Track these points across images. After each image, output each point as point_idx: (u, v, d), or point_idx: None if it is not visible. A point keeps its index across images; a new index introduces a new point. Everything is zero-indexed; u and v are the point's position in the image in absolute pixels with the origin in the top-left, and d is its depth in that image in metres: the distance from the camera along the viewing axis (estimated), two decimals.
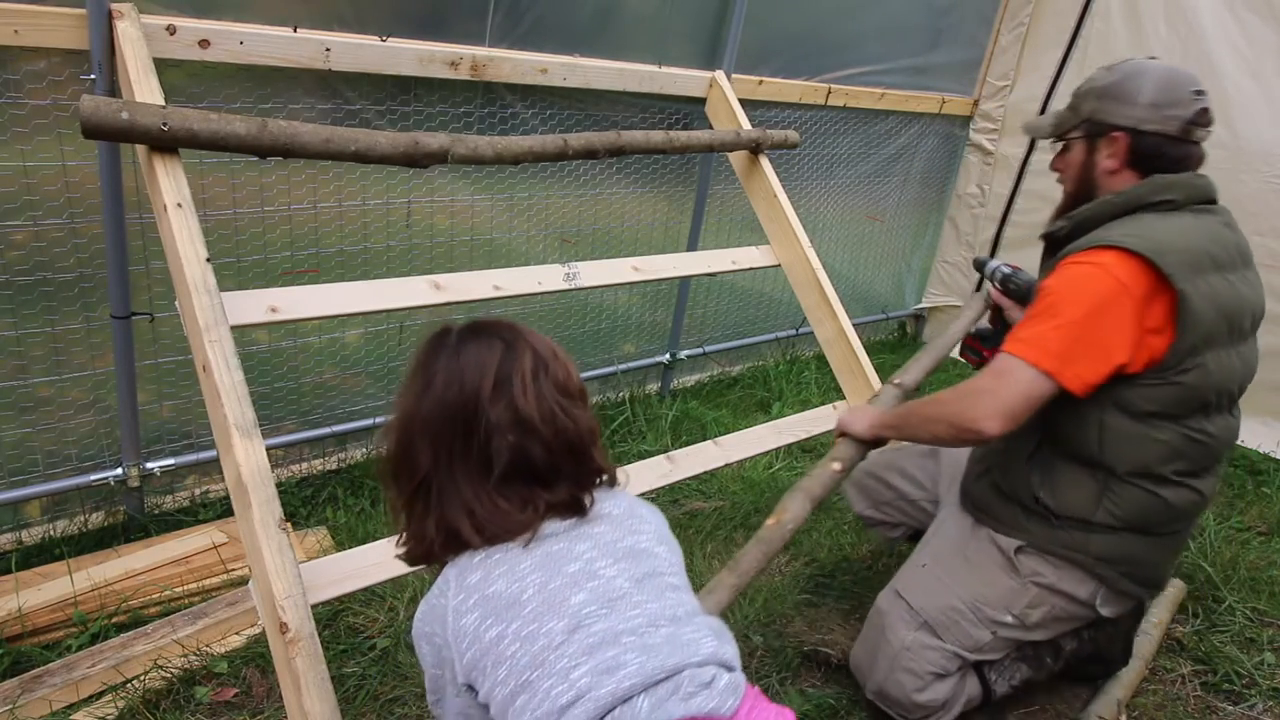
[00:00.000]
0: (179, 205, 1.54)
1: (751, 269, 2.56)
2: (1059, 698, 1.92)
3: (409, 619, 1.90)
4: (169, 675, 1.69)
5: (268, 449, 1.61)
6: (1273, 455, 3.28)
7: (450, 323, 1.10)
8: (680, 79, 2.66)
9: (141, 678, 1.66)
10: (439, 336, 1.08)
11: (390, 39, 2.05)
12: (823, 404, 2.50)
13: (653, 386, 3.38)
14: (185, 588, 1.92)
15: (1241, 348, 1.64)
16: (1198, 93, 1.59)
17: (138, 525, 2.13)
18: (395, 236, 2.38)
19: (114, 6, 1.67)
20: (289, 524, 1.43)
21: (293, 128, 1.64)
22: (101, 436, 2.10)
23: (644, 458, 2.19)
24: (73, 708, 1.60)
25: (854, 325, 2.49)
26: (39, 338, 1.93)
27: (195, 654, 1.74)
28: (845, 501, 2.22)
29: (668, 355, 3.31)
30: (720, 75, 2.71)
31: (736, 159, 2.69)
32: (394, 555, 1.13)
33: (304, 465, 2.45)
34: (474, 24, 2.23)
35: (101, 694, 1.64)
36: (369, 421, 2.51)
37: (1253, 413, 3.40)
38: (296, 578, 1.39)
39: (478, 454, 1.01)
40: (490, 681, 0.93)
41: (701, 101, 2.77)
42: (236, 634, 1.81)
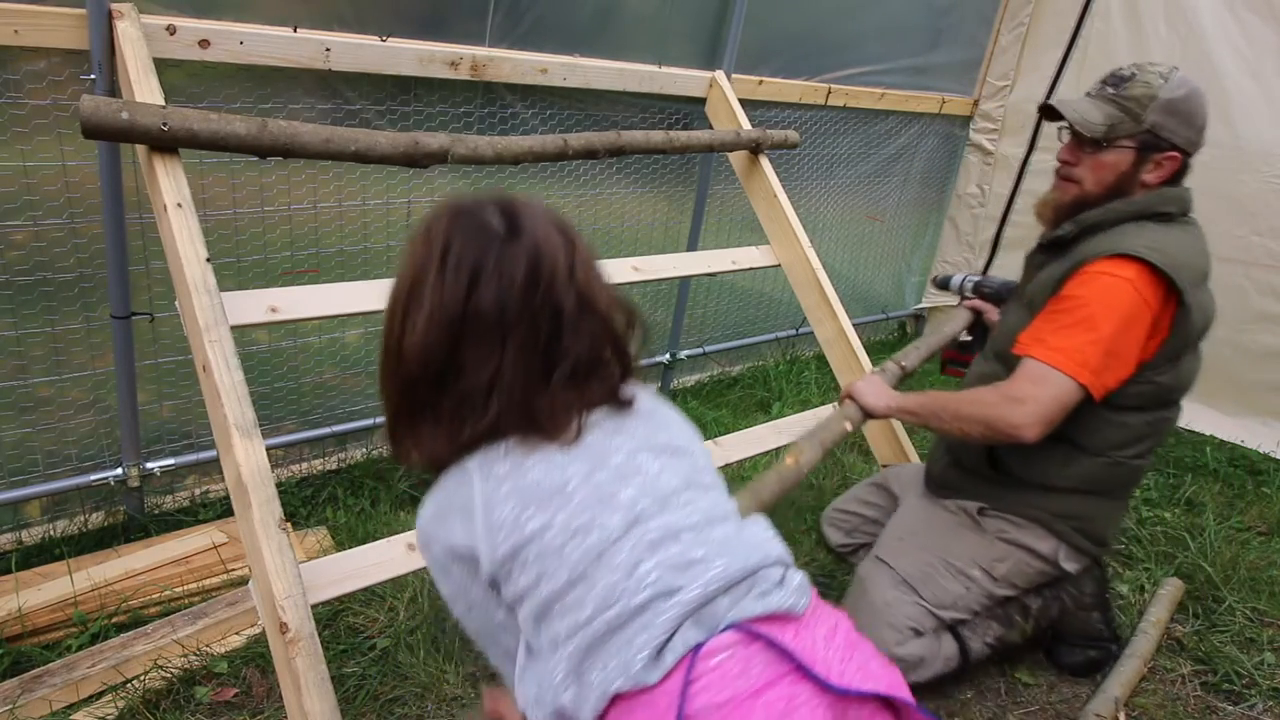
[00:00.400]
0: (179, 205, 1.54)
1: (751, 269, 2.57)
2: (1059, 697, 1.92)
3: (409, 619, 1.90)
4: (169, 675, 1.69)
5: (268, 449, 1.61)
6: (1273, 455, 3.28)
7: (469, 201, 0.94)
8: (680, 79, 2.66)
9: (141, 678, 1.66)
10: (473, 218, 0.91)
11: (390, 39, 2.05)
12: (823, 404, 2.50)
13: (652, 386, 3.38)
14: (185, 588, 1.92)
15: (1199, 348, 1.78)
16: None
17: (138, 525, 2.13)
18: (395, 236, 2.38)
19: (114, 6, 1.67)
20: (289, 524, 1.43)
21: (293, 128, 1.64)
22: (101, 436, 2.10)
23: None
24: (73, 708, 1.60)
25: (854, 325, 2.50)
26: (39, 338, 1.93)
27: (195, 654, 1.74)
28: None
29: (668, 355, 3.31)
30: (720, 75, 2.71)
31: (736, 159, 2.69)
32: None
33: (304, 465, 2.45)
34: (474, 24, 2.23)
35: (101, 694, 1.64)
36: (369, 421, 2.51)
37: (1253, 413, 3.42)
38: (296, 578, 1.39)
39: (541, 349, 0.89)
40: (530, 575, 0.85)
41: (701, 101, 2.77)
42: (236, 634, 1.81)
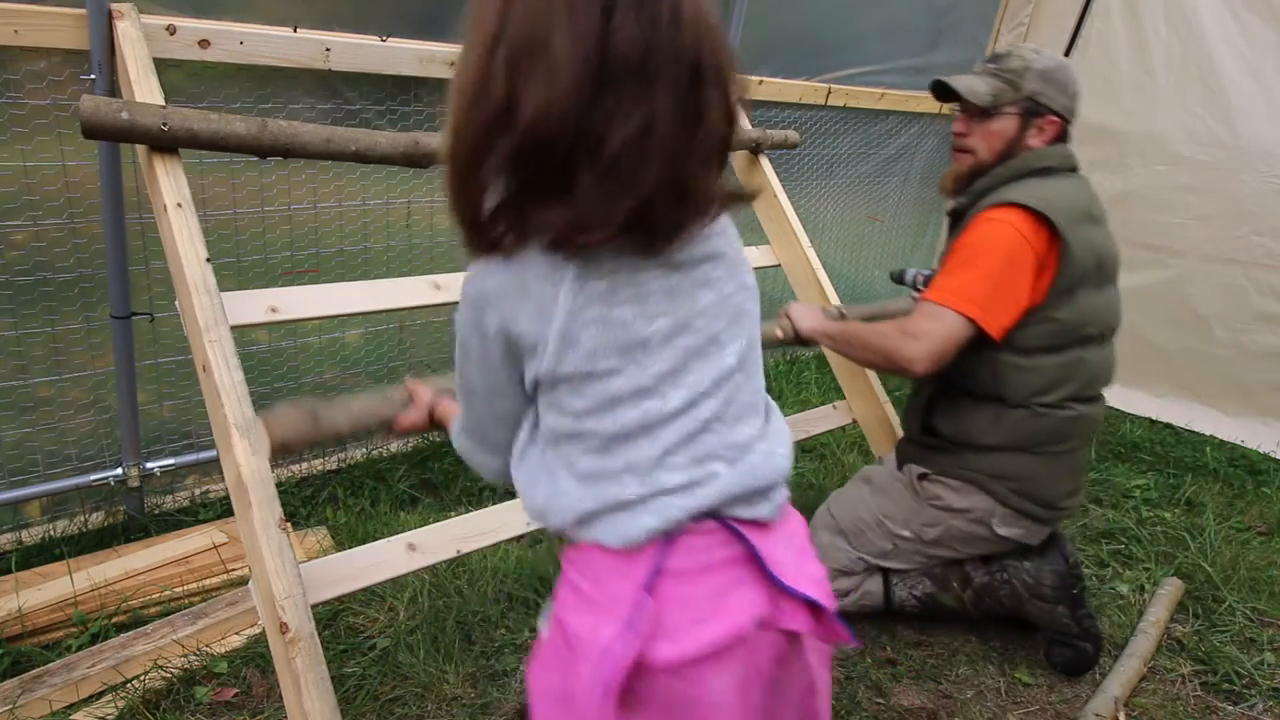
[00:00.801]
0: (179, 205, 1.54)
1: (751, 269, 2.56)
2: (1059, 697, 1.92)
3: (409, 619, 1.90)
4: (169, 675, 1.69)
5: None
6: (1273, 455, 3.28)
7: None
8: None
9: (141, 678, 1.66)
10: None
11: (390, 39, 2.05)
12: (823, 404, 2.50)
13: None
14: (185, 588, 1.92)
15: (1108, 290, 1.90)
16: None
17: (138, 525, 2.13)
18: (395, 236, 2.38)
19: (114, 6, 1.67)
20: (289, 524, 1.43)
21: (293, 128, 1.64)
22: (101, 436, 2.10)
23: None
24: (73, 708, 1.60)
25: None
26: (39, 338, 1.93)
27: (195, 654, 1.74)
28: None
29: None
30: None
31: (736, 159, 2.69)
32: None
33: (304, 465, 2.45)
34: None
35: (101, 694, 1.64)
36: None
37: (1253, 413, 3.42)
38: (296, 578, 1.39)
39: (685, 109, 0.77)
40: (579, 404, 0.82)
41: None
42: (236, 634, 1.81)
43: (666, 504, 0.81)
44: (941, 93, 1.92)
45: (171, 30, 1.73)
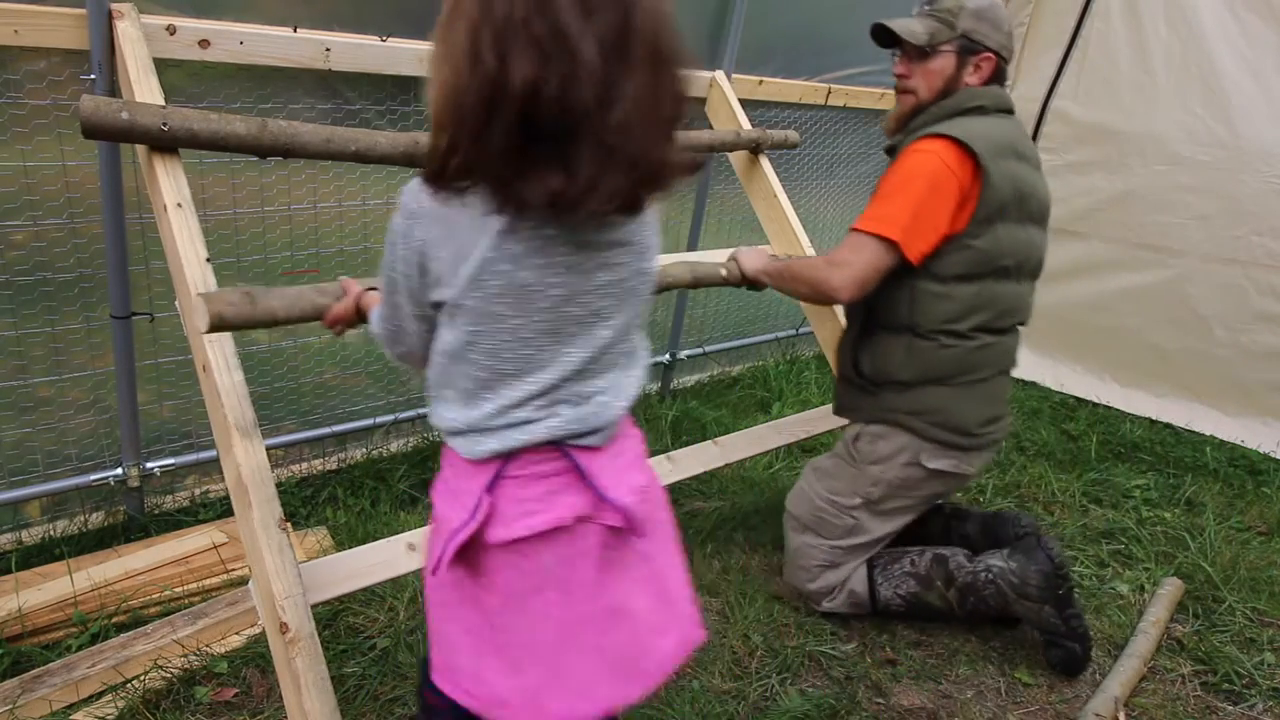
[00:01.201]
0: (179, 205, 1.54)
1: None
2: (1059, 697, 1.92)
3: (409, 619, 1.90)
4: (169, 675, 1.69)
5: (268, 449, 1.62)
6: (1273, 455, 3.29)
7: None
8: None
9: (141, 678, 1.66)
10: None
11: (390, 39, 2.06)
12: (823, 404, 2.50)
13: (653, 387, 3.38)
14: (185, 588, 1.92)
15: (1030, 229, 1.95)
16: None
17: (138, 525, 2.13)
18: None
19: (114, 6, 1.67)
20: (289, 524, 1.43)
21: (293, 128, 1.64)
22: (101, 436, 2.10)
23: None
24: (73, 708, 1.60)
25: None
26: (39, 338, 1.93)
27: (195, 654, 1.74)
28: None
29: (668, 355, 3.31)
30: (720, 75, 2.71)
31: (736, 159, 2.69)
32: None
33: (304, 465, 2.45)
34: None
35: (101, 694, 1.64)
36: (369, 421, 2.51)
37: (1253, 413, 3.42)
38: (296, 578, 1.39)
39: (657, 86, 0.87)
40: (471, 334, 0.96)
41: (701, 101, 2.77)
42: (236, 634, 1.81)
43: (510, 435, 1.00)
44: (883, 38, 1.99)
45: (171, 30, 1.73)
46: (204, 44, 1.78)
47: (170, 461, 2.17)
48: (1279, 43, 3.19)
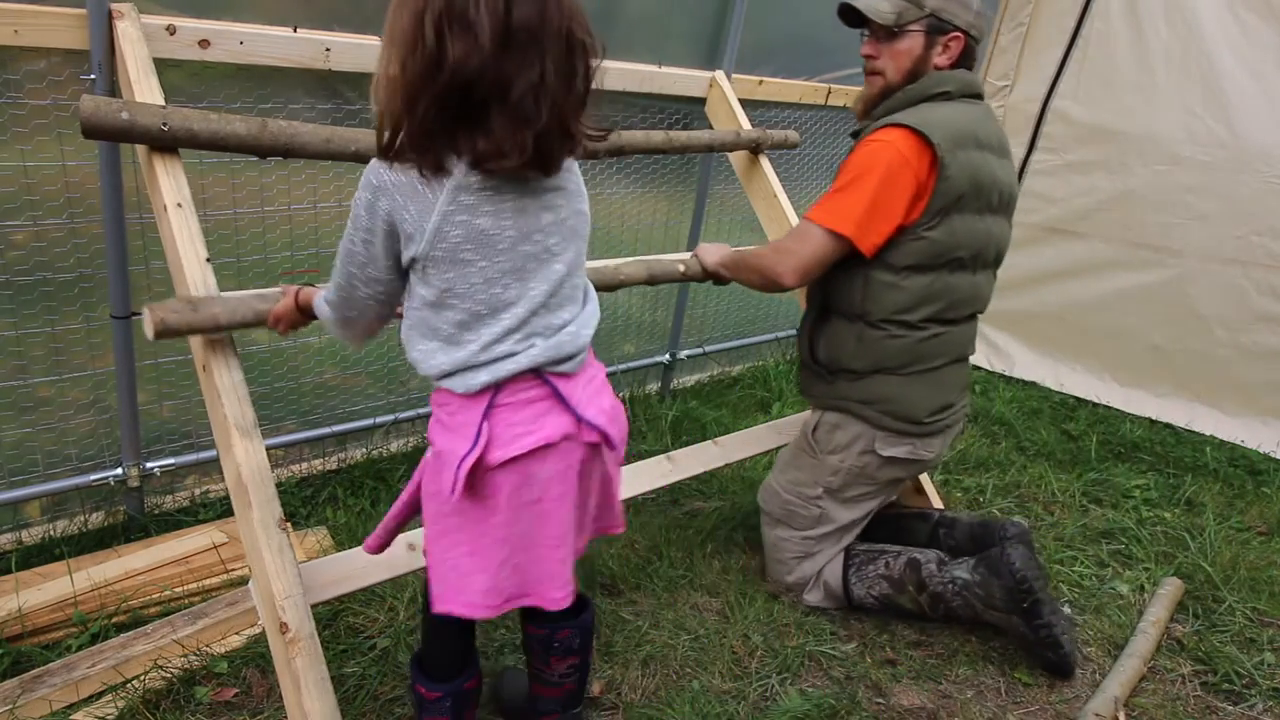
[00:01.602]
0: (179, 205, 1.54)
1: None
2: (1059, 697, 1.92)
3: (409, 619, 1.90)
4: (169, 675, 1.69)
5: (268, 449, 1.62)
6: (1273, 455, 3.29)
7: None
8: (680, 79, 2.66)
9: (141, 678, 1.66)
10: None
11: None
12: None
13: (653, 386, 3.38)
14: (185, 588, 1.92)
15: (989, 219, 1.93)
16: None
17: (138, 525, 2.13)
18: None
19: (114, 6, 1.67)
20: (289, 524, 1.43)
21: (293, 128, 1.64)
22: (101, 436, 2.10)
23: (644, 458, 2.18)
24: (73, 708, 1.60)
25: None
26: (39, 338, 1.93)
27: (195, 654, 1.74)
28: None
29: (668, 355, 3.31)
30: (720, 75, 2.71)
31: (736, 159, 2.69)
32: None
33: (304, 465, 2.45)
34: None
35: (101, 694, 1.64)
36: (369, 421, 2.51)
37: (1253, 413, 3.42)
38: (296, 578, 1.39)
39: (568, 66, 1.05)
40: (445, 283, 1.12)
41: (701, 101, 2.77)
42: (236, 634, 1.81)
43: (498, 367, 1.15)
44: (850, 17, 1.97)
45: (171, 30, 1.73)
46: (204, 44, 1.78)
47: (170, 461, 2.17)
48: (1279, 43, 3.19)
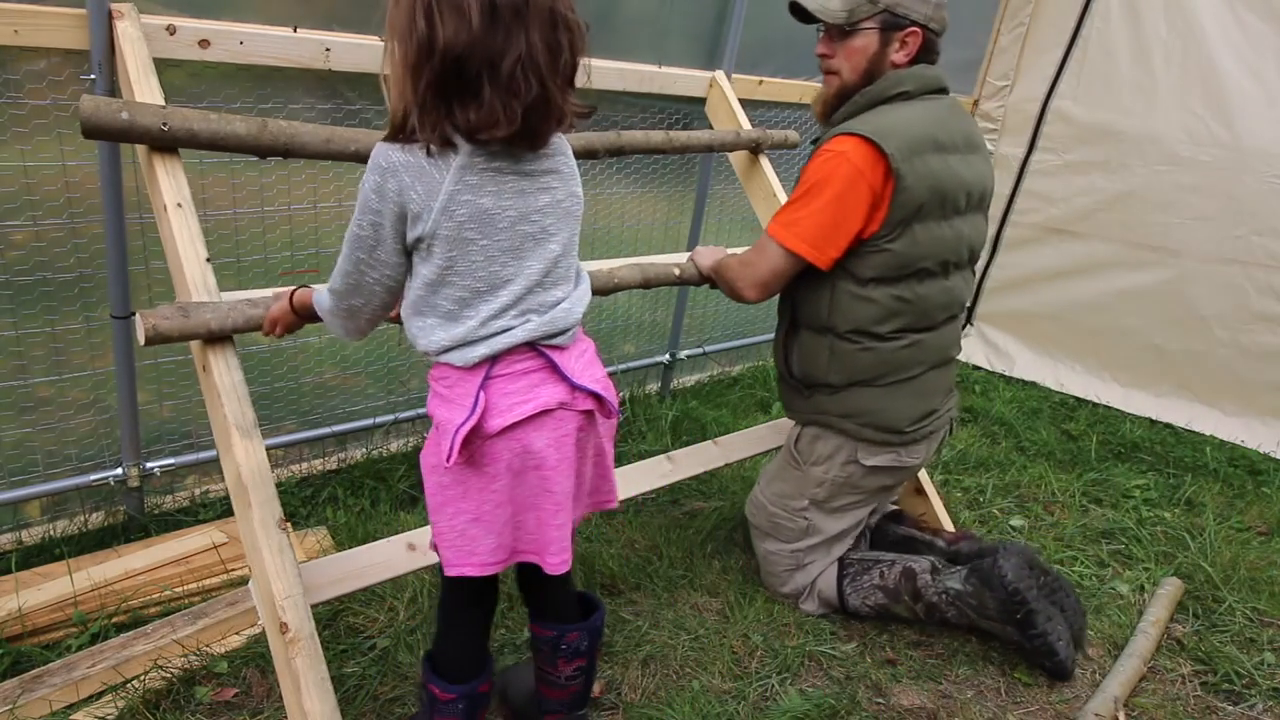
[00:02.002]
0: (179, 205, 1.54)
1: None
2: (1059, 697, 1.92)
3: (409, 619, 1.90)
4: (169, 675, 1.69)
5: (268, 449, 1.62)
6: (1273, 455, 3.29)
7: None
8: (680, 79, 2.66)
9: (141, 678, 1.66)
10: None
11: None
12: None
13: (653, 386, 3.38)
14: (185, 588, 1.92)
15: (957, 222, 1.88)
16: None
17: (138, 525, 2.13)
18: None
19: (114, 6, 1.67)
20: (289, 524, 1.43)
21: (293, 128, 1.64)
22: (101, 436, 2.10)
23: (644, 458, 2.19)
24: (73, 708, 1.60)
25: None
26: (39, 338, 1.93)
27: (195, 654, 1.74)
28: None
29: (668, 355, 3.31)
30: (720, 75, 2.71)
31: (736, 159, 2.69)
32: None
33: (304, 465, 2.45)
34: None
35: (101, 694, 1.64)
36: (369, 421, 2.51)
37: (1253, 412, 3.42)
38: (296, 578, 1.39)
39: (550, 41, 1.10)
40: (447, 260, 1.16)
41: (701, 101, 2.77)
42: (236, 634, 1.81)
43: (494, 341, 1.20)
44: (801, 15, 1.88)
45: (171, 30, 1.73)
46: (204, 44, 1.78)
47: (170, 461, 2.17)
48: (1279, 43, 3.19)
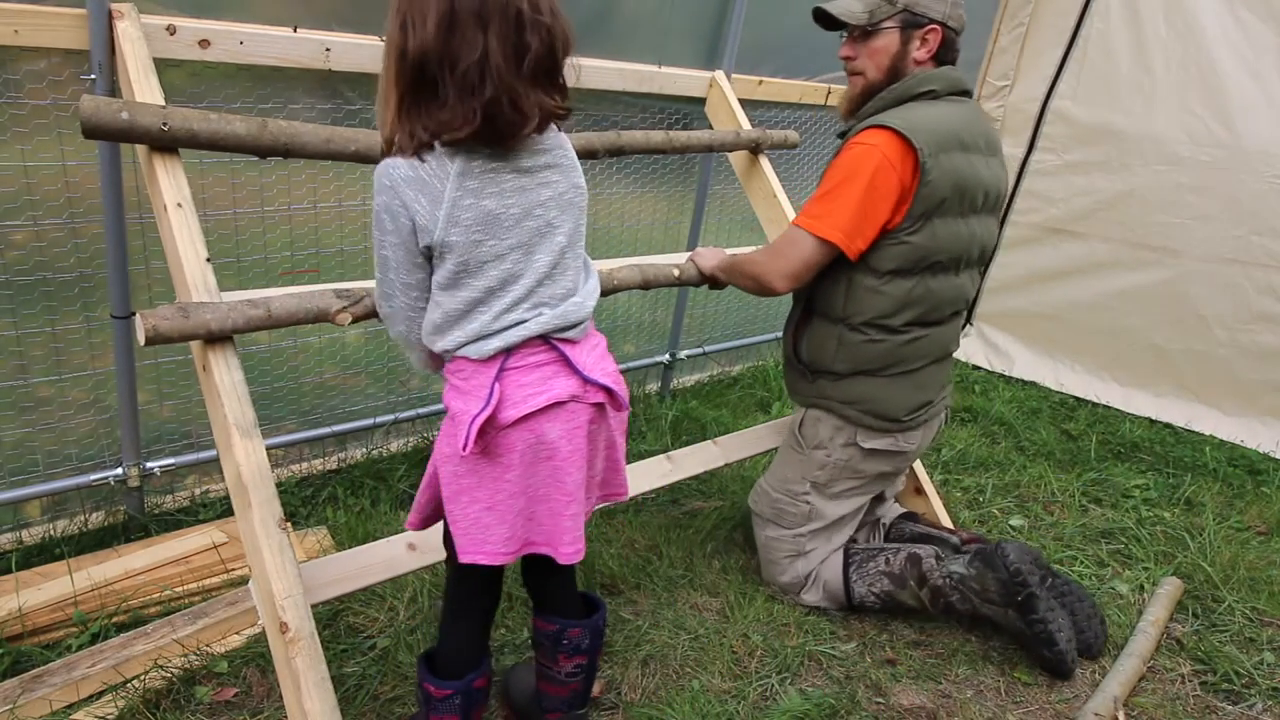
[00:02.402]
0: (179, 205, 1.54)
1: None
2: (1059, 697, 1.92)
3: (409, 619, 1.91)
4: (169, 675, 1.69)
5: (268, 449, 1.62)
6: (1273, 455, 3.29)
7: None
8: (680, 79, 2.66)
9: (141, 678, 1.66)
10: None
11: None
12: None
13: (653, 386, 3.38)
14: (185, 588, 1.92)
15: (974, 221, 1.93)
16: None
17: (138, 525, 2.13)
18: None
19: (114, 6, 1.67)
20: (289, 524, 1.43)
21: (293, 128, 1.64)
22: (101, 436, 2.10)
23: (644, 458, 2.19)
24: (73, 708, 1.60)
25: None
26: (39, 338, 1.93)
27: (195, 654, 1.74)
28: None
29: (668, 355, 3.31)
30: (720, 75, 2.71)
31: (736, 159, 2.69)
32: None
33: (304, 465, 2.45)
34: None
35: (101, 694, 1.64)
36: (369, 421, 2.51)
37: (1253, 412, 3.42)
38: (296, 578, 1.39)
39: (513, 41, 1.11)
40: (459, 263, 1.20)
41: (701, 101, 2.77)
42: (236, 634, 1.81)
43: (508, 334, 1.24)
44: (825, 22, 1.95)
45: (171, 30, 1.73)
46: (204, 44, 1.78)
47: (170, 461, 2.17)
48: (1279, 43, 3.19)
